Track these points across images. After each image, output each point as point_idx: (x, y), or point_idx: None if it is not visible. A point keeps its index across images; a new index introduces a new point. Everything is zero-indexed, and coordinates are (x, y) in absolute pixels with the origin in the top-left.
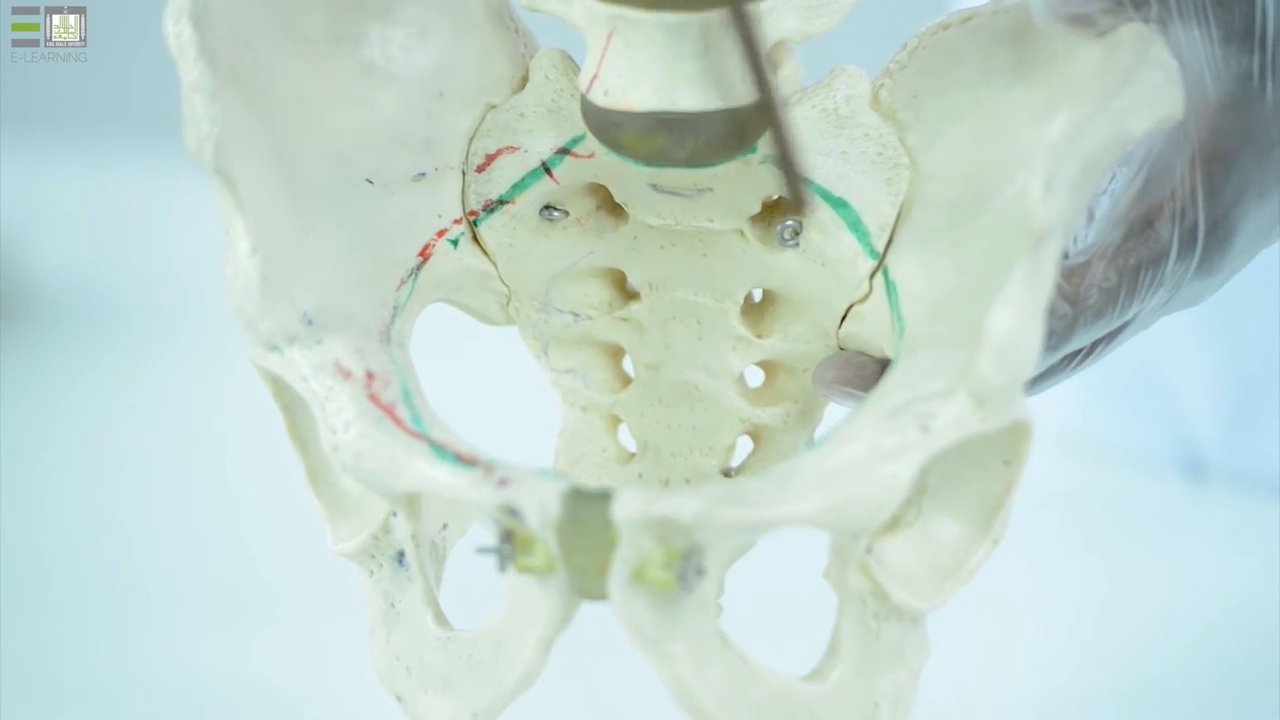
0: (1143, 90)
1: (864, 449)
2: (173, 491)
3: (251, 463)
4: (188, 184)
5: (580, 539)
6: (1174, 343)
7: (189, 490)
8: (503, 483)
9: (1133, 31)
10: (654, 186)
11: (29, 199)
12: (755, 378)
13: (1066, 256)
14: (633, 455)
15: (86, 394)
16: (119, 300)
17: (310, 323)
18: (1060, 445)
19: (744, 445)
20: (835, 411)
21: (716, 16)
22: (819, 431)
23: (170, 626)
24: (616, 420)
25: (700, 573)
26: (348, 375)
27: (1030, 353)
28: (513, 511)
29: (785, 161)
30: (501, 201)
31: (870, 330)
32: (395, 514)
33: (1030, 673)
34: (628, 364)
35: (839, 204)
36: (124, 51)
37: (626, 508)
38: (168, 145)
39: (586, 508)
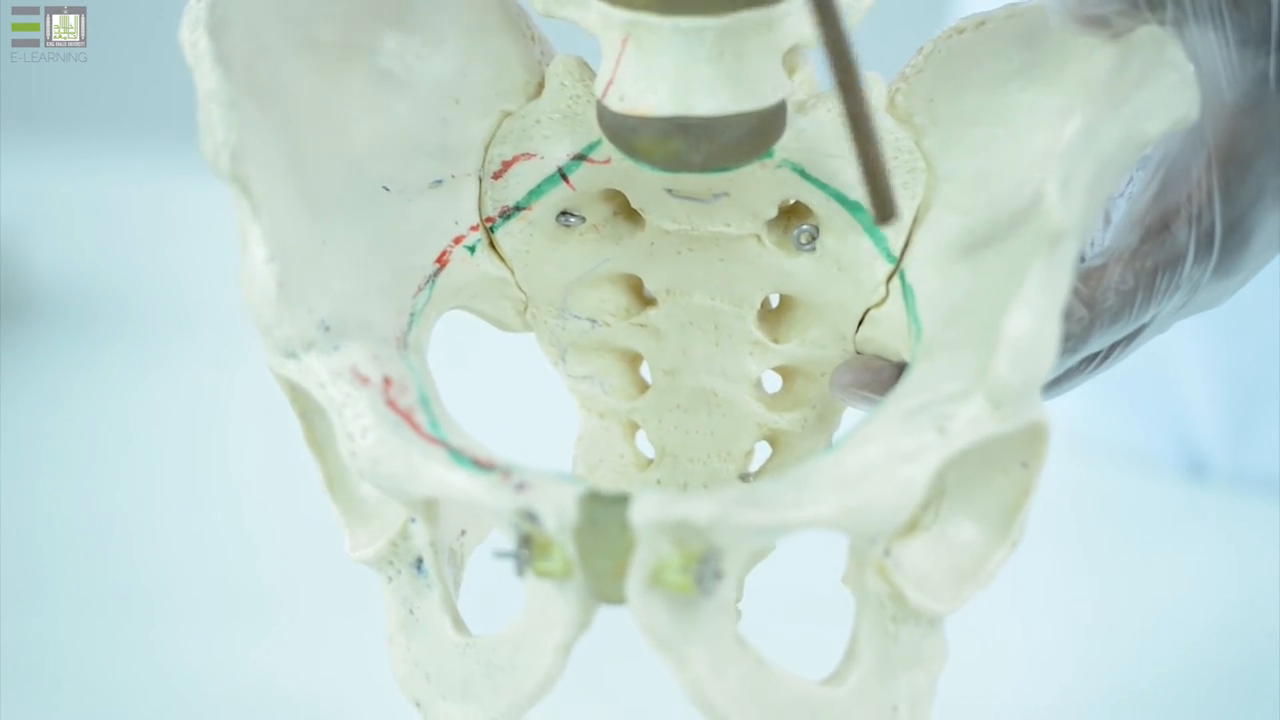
0: (1158, 92)
1: (881, 451)
2: (175, 491)
3: (254, 462)
4: (187, 184)
5: (598, 543)
6: (1175, 342)
7: (191, 490)
8: (520, 487)
9: (1148, 33)
10: (670, 191)
11: (29, 199)
12: (773, 383)
13: (1083, 260)
14: (651, 461)
15: (87, 394)
16: (119, 300)
17: (327, 329)
18: (1061, 444)
19: (762, 450)
20: (853, 416)
21: (732, 20)
22: (837, 435)
23: (173, 626)
24: (634, 426)
25: (718, 576)
26: (365, 381)
27: (1047, 353)
28: (530, 516)
29: (869, 170)
30: (518, 208)
31: (887, 334)
32: (414, 520)
33: (1029, 671)
34: (645, 370)
35: (855, 208)
36: (124, 51)
37: (644, 511)
38: (168, 145)
39: (604, 511)
